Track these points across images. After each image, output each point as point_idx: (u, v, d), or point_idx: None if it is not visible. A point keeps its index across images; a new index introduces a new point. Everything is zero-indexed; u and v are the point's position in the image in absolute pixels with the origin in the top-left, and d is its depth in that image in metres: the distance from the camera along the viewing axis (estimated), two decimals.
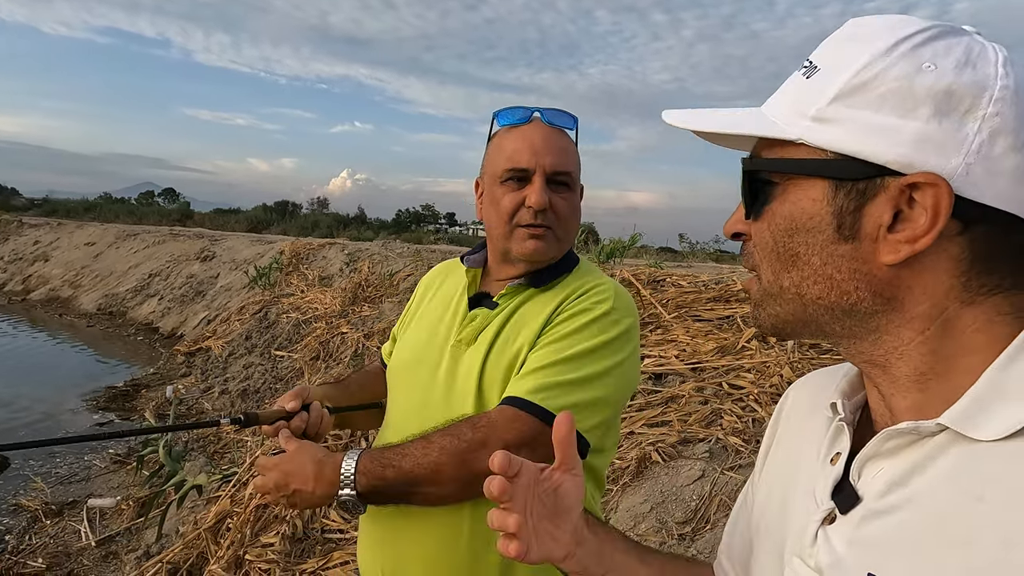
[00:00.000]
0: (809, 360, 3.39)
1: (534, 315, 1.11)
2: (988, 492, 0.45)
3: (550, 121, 1.13)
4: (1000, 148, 0.47)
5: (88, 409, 6.76)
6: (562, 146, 1.13)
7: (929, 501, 0.48)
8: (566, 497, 0.67)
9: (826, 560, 0.53)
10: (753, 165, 0.57)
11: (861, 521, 0.52)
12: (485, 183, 1.18)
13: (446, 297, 1.24)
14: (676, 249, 15.97)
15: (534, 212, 1.09)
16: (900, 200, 0.49)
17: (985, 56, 0.49)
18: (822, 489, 0.56)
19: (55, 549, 3.92)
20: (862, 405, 0.61)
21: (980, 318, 0.50)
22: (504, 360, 1.09)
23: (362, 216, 36.94)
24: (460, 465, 0.98)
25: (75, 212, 28.09)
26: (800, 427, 0.66)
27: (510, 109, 1.15)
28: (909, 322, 0.51)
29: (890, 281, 0.51)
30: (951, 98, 0.48)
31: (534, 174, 1.10)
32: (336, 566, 2.96)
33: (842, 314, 0.54)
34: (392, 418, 1.21)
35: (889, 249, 0.50)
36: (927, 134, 0.48)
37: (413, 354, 1.20)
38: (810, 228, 0.53)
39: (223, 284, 11.11)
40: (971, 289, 0.50)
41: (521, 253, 1.12)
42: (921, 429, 0.49)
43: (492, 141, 1.18)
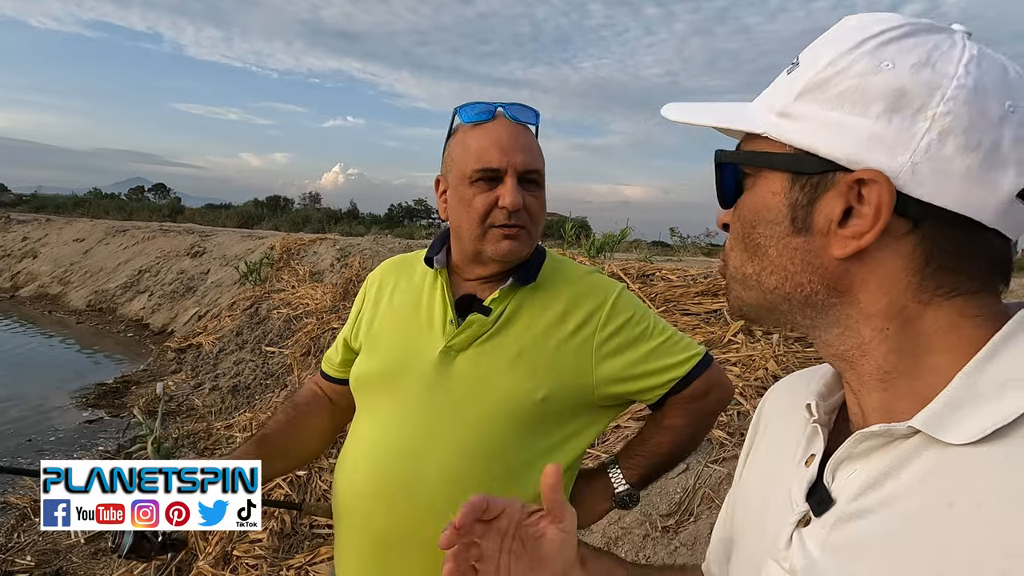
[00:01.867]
0: (794, 354, 3.42)
1: (534, 315, 1.12)
2: (958, 497, 0.45)
3: (514, 117, 1.12)
4: (951, 148, 0.47)
5: (77, 406, 6.74)
6: (530, 144, 1.12)
7: (901, 505, 0.48)
8: (548, 548, 0.65)
9: (800, 563, 0.53)
10: (721, 157, 0.59)
11: (835, 524, 0.52)
12: (451, 182, 1.14)
13: (412, 299, 1.20)
14: (668, 243, 15.99)
15: (508, 213, 1.08)
16: (850, 196, 0.50)
17: (949, 56, 0.48)
18: (797, 491, 0.56)
19: (43, 547, 3.91)
20: (838, 407, 0.61)
21: (942, 320, 0.50)
22: (502, 362, 1.09)
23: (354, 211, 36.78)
24: (711, 424, 1.23)
25: (64, 208, 27.88)
26: (779, 429, 0.66)
27: (472, 105, 1.12)
28: (868, 319, 0.52)
29: (842, 275, 0.52)
30: (902, 97, 0.48)
31: (505, 174, 1.08)
32: (323, 561, 2.97)
33: (800, 305, 0.55)
34: (372, 431, 1.14)
35: (838, 243, 0.51)
36: (877, 132, 0.49)
37: (391, 362, 1.15)
38: (769, 220, 0.55)
39: (214, 280, 11.06)
40: (927, 289, 0.50)
41: (496, 254, 1.10)
42: (893, 431, 0.49)
43: (455, 137, 1.15)
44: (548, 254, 1.21)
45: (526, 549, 0.65)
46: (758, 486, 0.66)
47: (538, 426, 1.09)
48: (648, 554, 2.43)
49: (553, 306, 1.13)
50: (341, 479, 1.18)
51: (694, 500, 2.58)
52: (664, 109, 0.61)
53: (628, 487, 1.20)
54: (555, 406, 1.09)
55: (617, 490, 1.20)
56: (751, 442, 0.72)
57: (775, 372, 3.26)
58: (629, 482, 1.20)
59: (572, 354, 1.10)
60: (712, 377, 1.17)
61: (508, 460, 1.07)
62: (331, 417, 1.35)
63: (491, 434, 1.07)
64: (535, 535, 0.65)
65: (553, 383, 1.08)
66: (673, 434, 1.19)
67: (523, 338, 1.10)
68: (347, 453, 1.18)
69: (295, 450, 1.29)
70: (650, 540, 2.48)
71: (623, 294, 1.17)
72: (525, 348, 1.10)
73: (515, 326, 1.11)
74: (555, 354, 1.10)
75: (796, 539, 0.54)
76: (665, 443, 1.20)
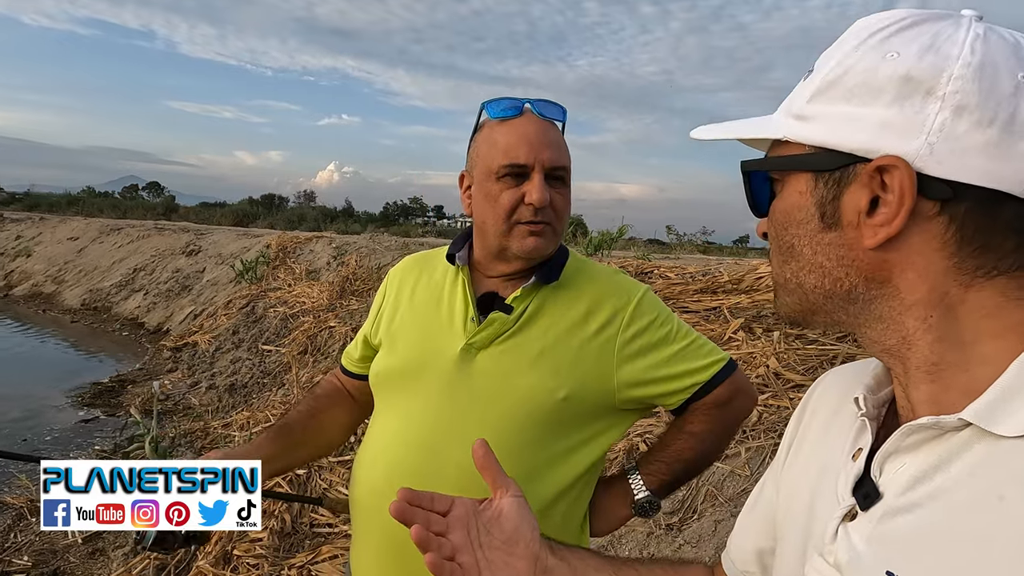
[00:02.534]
0: (795, 351, 3.41)
1: (556, 314, 1.12)
2: (1009, 490, 0.44)
3: (541, 113, 1.11)
4: (965, 125, 0.47)
5: (73, 405, 6.70)
6: (557, 140, 1.11)
7: (950, 498, 0.47)
8: (510, 521, 0.68)
9: (845, 557, 0.53)
10: (747, 166, 0.61)
11: (881, 518, 0.51)
12: (476, 177, 1.13)
13: (433, 295, 1.19)
14: (664, 241, 16.01)
15: (535, 209, 1.07)
16: (873, 185, 0.51)
17: (953, 38, 0.49)
18: (843, 485, 0.56)
19: (40, 547, 3.88)
20: (888, 401, 0.60)
21: (987, 303, 0.49)
22: (524, 360, 1.09)
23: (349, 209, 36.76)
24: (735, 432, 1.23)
25: (57, 206, 27.77)
26: (827, 422, 0.66)
27: (499, 100, 1.12)
28: (910, 308, 0.52)
29: (878, 265, 0.52)
30: (909, 82, 0.49)
31: (532, 170, 1.07)
32: (325, 560, 2.95)
33: (842, 301, 0.55)
34: (392, 427, 1.14)
35: (869, 233, 0.51)
36: (888, 119, 0.50)
37: (411, 359, 1.15)
38: (799, 220, 0.56)
39: (209, 278, 11.02)
40: (967, 270, 0.49)
41: (522, 250, 1.09)
42: (943, 424, 0.48)
43: (481, 133, 1.14)
44: (571, 253, 1.20)
45: (494, 535, 0.67)
46: (803, 479, 0.65)
47: (558, 426, 1.08)
48: (652, 552, 2.42)
49: (576, 306, 1.12)
50: (359, 475, 1.18)
51: (698, 498, 2.57)
52: (693, 132, 0.64)
53: (648, 494, 1.18)
54: (576, 406, 1.08)
55: (637, 496, 1.18)
56: (795, 431, 0.71)
57: (776, 369, 3.26)
58: (649, 489, 1.18)
59: (594, 355, 1.10)
60: (736, 383, 1.15)
61: (527, 458, 1.06)
62: (351, 411, 1.35)
63: (511, 432, 1.06)
64: (494, 516, 0.68)
65: (575, 383, 1.08)
66: (696, 440, 1.16)
67: (545, 337, 1.10)
68: (366, 449, 1.18)
69: (316, 440, 1.30)
70: (654, 538, 2.47)
71: (647, 295, 1.16)
72: (547, 347, 1.09)
73: (537, 325, 1.11)
74: (577, 354, 1.09)
75: (842, 533, 0.54)
76: (687, 450, 1.17)
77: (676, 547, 2.40)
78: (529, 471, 1.06)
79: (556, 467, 1.08)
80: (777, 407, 2.99)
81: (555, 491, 1.08)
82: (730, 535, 0.78)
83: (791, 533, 0.64)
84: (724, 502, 2.51)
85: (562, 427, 1.08)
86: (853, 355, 3.26)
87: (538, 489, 1.06)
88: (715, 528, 2.41)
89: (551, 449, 1.08)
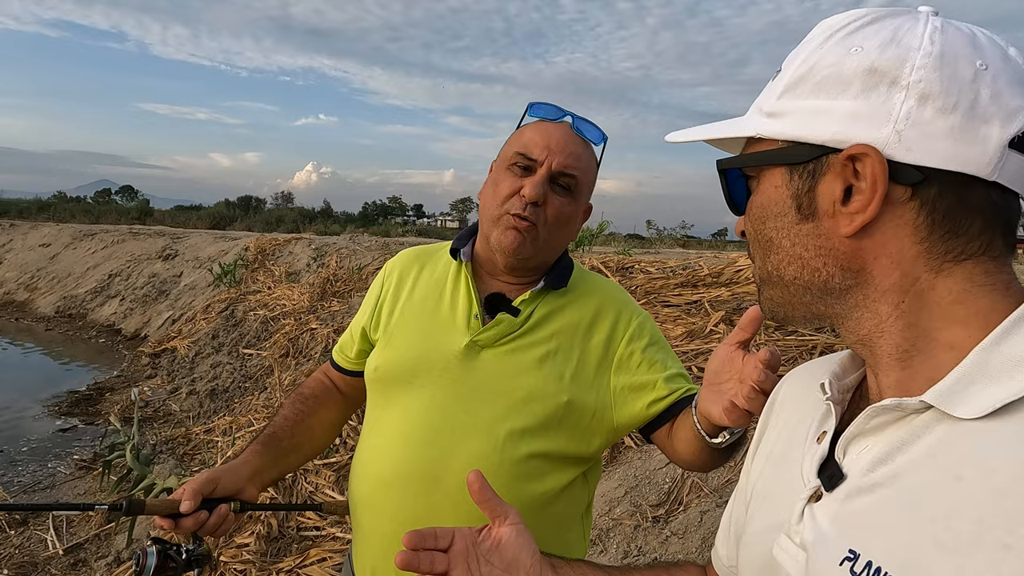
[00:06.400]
0: (775, 342, 3.46)
1: (562, 322, 1.13)
2: (966, 471, 0.46)
3: (576, 127, 1.12)
4: (930, 112, 0.50)
5: (50, 415, 6.57)
6: (579, 153, 1.11)
7: (910, 478, 0.49)
8: (510, 549, 0.70)
9: (811, 537, 0.54)
10: (723, 164, 0.63)
11: (845, 498, 0.53)
12: (495, 166, 1.16)
13: (435, 290, 1.18)
14: (644, 236, 16.12)
15: (524, 203, 1.07)
16: (846, 174, 0.52)
17: (912, 31, 0.51)
18: (808, 467, 0.58)
19: (20, 559, 3.81)
20: (853, 387, 0.62)
21: (955, 288, 0.51)
22: (529, 362, 1.09)
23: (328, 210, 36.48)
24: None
25: (28, 212, 27.20)
26: (792, 411, 0.68)
27: (547, 105, 1.13)
28: (883, 295, 0.53)
29: (854, 253, 0.54)
30: (874, 74, 0.51)
31: (540, 167, 1.08)
32: (313, 564, 2.94)
33: (820, 293, 0.57)
34: (394, 422, 1.13)
35: (845, 221, 0.53)
36: (857, 110, 0.52)
37: (412, 354, 1.13)
38: (776, 213, 0.58)
39: (187, 283, 10.88)
40: (936, 255, 0.51)
41: (499, 243, 1.09)
42: (904, 406, 0.50)
43: (517, 129, 1.16)
44: (575, 264, 1.21)
45: (494, 564, 0.69)
46: (770, 465, 0.67)
47: (560, 428, 1.08)
48: (640, 544, 2.45)
49: (582, 315, 1.13)
50: (360, 471, 1.16)
51: (683, 489, 2.60)
52: (668, 136, 0.66)
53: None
54: (577, 411, 1.09)
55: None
56: (763, 428, 0.73)
57: None
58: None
59: (595, 364, 1.11)
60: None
61: (528, 456, 1.06)
62: (341, 409, 1.33)
63: (513, 428, 1.06)
64: (494, 545, 0.70)
65: (577, 389, 1.08)
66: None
67: (550, 342, 1.10)
68: (366, 444, 1.17)
69: (306, 445, 1.27)
70: (641, 530, 2.49)
71: (649, 318, 1.19)
72: (551, 352, 1.10)
73: (543, 330, 1.11)
74: (580, 362, 1.10)
75: (807, 514, 0.56)
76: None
77: (663, 539, 2.43)
78: (529, 469, 1.06)
79: (556, 466, 1.09)
80: None
81: (555, 488, 1.08)
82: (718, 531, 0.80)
83: (759, 515, 0.66)
84: (709, 493, 2.55)
85: (563, 429, 1.08)
86: (831, 345, 3.32)
87: (536, 487, 1.06)
88: (701, 519, 2.44)
89: (551, 448, 1.08)
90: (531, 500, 1.06)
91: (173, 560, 1.04)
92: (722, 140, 0.65)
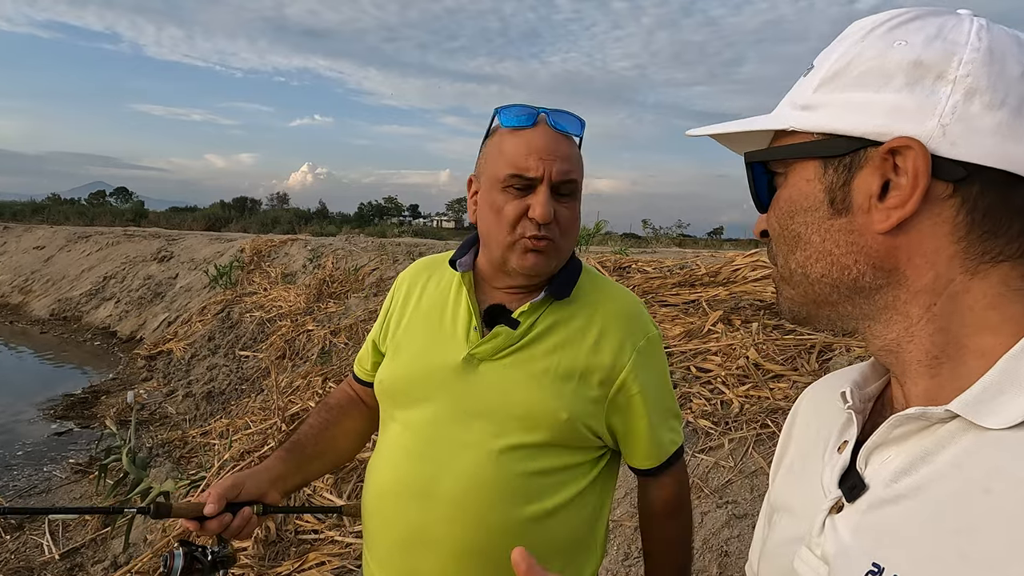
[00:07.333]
0: (774, 341, 3.46)
1: (565, 335, 1.09)
2: (994, 483, 0.44)
3: (555, 124, 1.07)
4: (977, 107, 0.48)
5: (46, 419, 6.54)
6: (569, 154, 1.07)
7: (935, 490, 0.47)
8: None
9: (832, 549, 0.53)
10: (750, 157, 0.60)
11: (867, 509, 0.51)
12: (483, 184, 1.10)
13: (438, 303, 1.17)
14: (640, 235, 16.14)
15: (538, 225, 1.04)
16: (885, 169, 0.51)
17: (958, 28, 0.50)
18: (829, 478, 0.56)
19: (16, 565, 3.79)
20: (875, 396, 0.61)
21: (989, 292, 0.50)
22: (528, 377, 1.07)
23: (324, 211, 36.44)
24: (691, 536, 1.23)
25: (22, 214, 27.09)
26: (813, 422, 0.66)
27: (515, 108, 1.08)
28: (915, 296, 0.52)
29: (888, 251, 0.52)
30: (920, 67, 0.50)
31: (540, 183, 1.04)
32: (312, 567, 2.92)
33: (848, 291, 0.55)
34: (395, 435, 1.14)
35: (881, 217, 0.51)
36: (900, 103, 0.50)
37: (414, 368, 1.13)
38: (807, 207, 0.55)
39: (182, 285, 10.84)
40: (973, 256, 0.50)
41: (521, 267, 1.06)
42: (929, 415, 0.49)
43: (491, 139, 1.11)
44: (584, 268, 1.17)
45: None
46: (791, 476, 0.66)
47: (558, 445, 1.07)
48: (640, 545, 2.44)
49: (587, 328, 1.09)
50: (368, 480, 1.18)
51: None
52: (688, 132, 0.64)
53: None
54: (577, 428, 1.06)
55: None
56: (786, 442, 0.71)
57: (755, 360, 3.30)
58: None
59: (597, 382, 1.08)
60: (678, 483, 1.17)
61: (526, 470, 1.05)
62: (365, 419, 1.33)
63: (509, 444, 1.05)
64: None
65: (578, 407, 1.06)
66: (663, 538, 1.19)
67: (551, 357, 1.07)
68: (375, 455, 1.19)
69: (330, 454, 1.29)
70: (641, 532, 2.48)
71: (659, 339, 1.16)
72: (552, 367, 1.06)
73: (544, 343, 1.08)
74: (582, 379, 1.07)
75: (829, 525, 0.54)
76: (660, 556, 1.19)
77: None
78: (527, 486, 1.04)
79: (558, 481, 1.07)
80: (758, 398, 3.03)
81: (553, 505, 1.06)
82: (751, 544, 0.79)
83: (779, 526, 0.64)
84: (709, 494, 2.54)
85: (562, 447, 1.07)
86: (830, 344, 3.31)
87: (536, 504, 1.05)
88: (701, 520, 2.43)
89: (551, 465, 1.06)
90: (532, 517, 1.04)
91: (199, 562, 1.06)
92: (730, 140, 0.63)
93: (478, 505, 1.03)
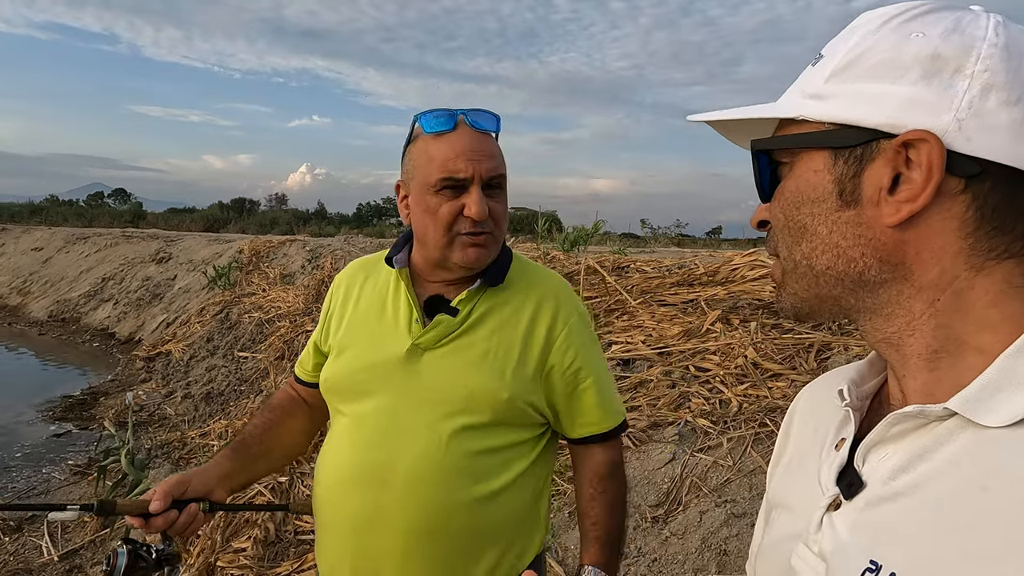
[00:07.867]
0: (772, 340, 3.46)
1: (501, 318, 1.16)
2: (992, 481, 0.44)
3: (474, 123, 1.13)
4: (993, 103, 0.48)
5: (44, 420, 6.54)
6: (492, 151, 1.14)
7: (933, 487, 0.47)
8: None
9: (829, 546, 0.53)
10: (757, 145, 0.59)
11: (865, 507, 0.51)
12: (413, 189, 1.16)
13: (377, 299, 1.23)
14: (638, 235, 16.14)
15: (474, 222, 1.10)
16: (897, 161, 0.50)
17: (976, 23, 0.50)
18: (827, 475, 0.56)
19: (15, 566, 3.79)
20: (872, 393, 0.61)
21: (992, 289, 0.50)
22: (469, 361, 1.13)
23: (322, 211, 36.43)
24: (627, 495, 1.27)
25: (20, 216, 27.02)
26: (810, 420, 0.66)
27: (433, 113, 1.13)
28: (920, 291, 0.51)
29: (895, 245, 0.52)
30: (937, 60, 0.49)
31: (471, 183, 1.10)
32: (311, 568, 2.93)
33: (853, 285, 0.54)
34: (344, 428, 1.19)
35: (890, 210, 0.51)
36: (916, 95, 0.50)
37: (359, 364, 1.18)
38: (814, 198, 0.55)
39: (181, 286, 10.83)
40: (979, 252, 0.49)
41: (464, 261, 1.12)
42: (927, 413, 0.49)
43: (416, 144, 1.16)
44: (514, 256, 1.24)
45: None
46: (788, 474, 0.66)
47: (502, 424, 1.13)
48: (639, 545, 2.44)
49: (521, 310, 1.17)
50: (318, 473, 1.23)
51: (682, 489, 2.59)
52: (690, 117, 0.63)
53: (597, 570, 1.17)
54: (519, 406, 1.13)
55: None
56: (783, 441, 0.71)
57: (754, 359, 3.31)
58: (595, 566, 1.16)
59: (535, 358, 1.15)
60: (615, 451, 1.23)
61: (472, 454, 1.11)
62: (308, 418, 1.38)
63: (456, 428, 1.11)
64: None
65: (518, 385, 1.13)
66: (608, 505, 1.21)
67: (490, 340, 1.14)
68: (324, 449, 1.23)
69: (275, 452, 1.33)
70: (640, 531, 2.49)
71: (587, 315, 1.24)
72: (491, 349, 1.14)
73: (482, 328, 1.15)
74: (520, 357, 1.14)
75: (826, 523, 0.54)
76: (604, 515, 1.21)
77: (662, 539, 2.42)
78: (475, 465, 1.11)
79: (504, 459, 1.14)
80: (756, 397, 3.04)
81: (501, 484, 1.13)
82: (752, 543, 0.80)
83: (777, 523, 0.64)
84: (708, 492, 2.55)
85: (505, 425, 1.13)
86: (829, 343, 3.32)
87: (485, 483, 1.11)
88: (700, 519, 2.44)
89: (497, 443, 1.13)
90: (482, 495, 1.11)
91: (143, 559, 1.07)
92: (730, 130, 0.63)
93: (430, 486, 1.10)
